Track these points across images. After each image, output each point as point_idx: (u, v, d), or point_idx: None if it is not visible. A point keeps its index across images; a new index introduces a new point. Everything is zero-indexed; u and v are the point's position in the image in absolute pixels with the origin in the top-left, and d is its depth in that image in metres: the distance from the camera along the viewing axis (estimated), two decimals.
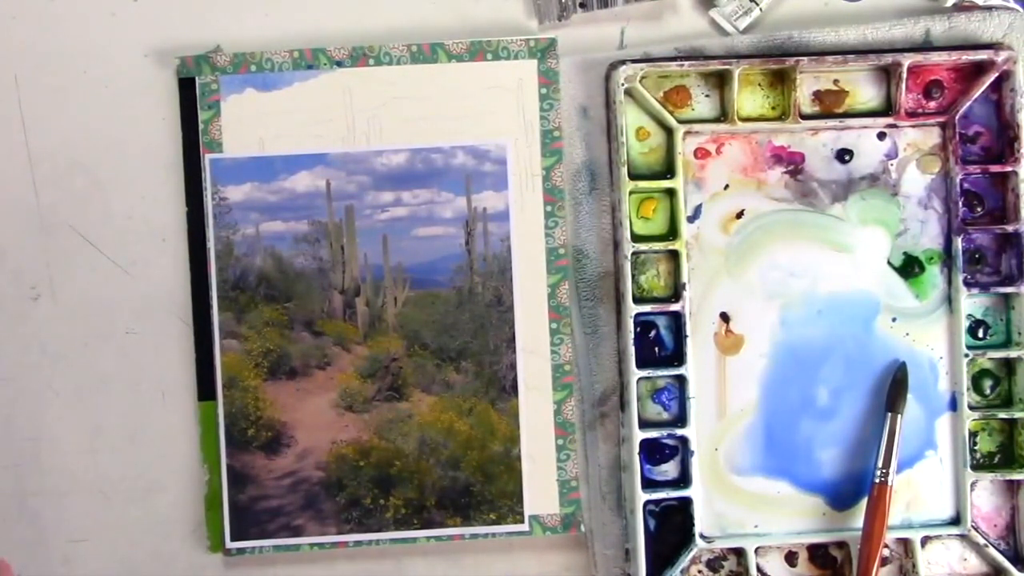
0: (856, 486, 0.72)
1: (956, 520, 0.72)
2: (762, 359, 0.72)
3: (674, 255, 0.72)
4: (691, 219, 0.72)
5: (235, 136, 0.72)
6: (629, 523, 0.71)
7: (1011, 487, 0.72)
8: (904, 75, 0.71)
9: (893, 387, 0.71)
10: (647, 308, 0.71)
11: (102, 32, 0.73)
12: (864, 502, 0.71)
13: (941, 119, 0.72)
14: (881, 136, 0.72)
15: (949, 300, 0.72)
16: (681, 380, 0.71)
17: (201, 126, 0.72)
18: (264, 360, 0.72)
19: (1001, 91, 0.72)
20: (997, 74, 0.71)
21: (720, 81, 0.72)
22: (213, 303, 0.72)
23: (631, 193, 0.71)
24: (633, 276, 0.72)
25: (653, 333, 0.72)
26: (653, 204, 0.72)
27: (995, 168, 0.72)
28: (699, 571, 0.72)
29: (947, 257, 0.72)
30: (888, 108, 0.72)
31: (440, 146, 0.72)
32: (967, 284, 0.72)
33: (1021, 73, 0.71)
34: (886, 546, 0.71)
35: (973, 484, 0.72)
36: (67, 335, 0.72)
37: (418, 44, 0.72)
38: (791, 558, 0.73)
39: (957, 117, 0.72)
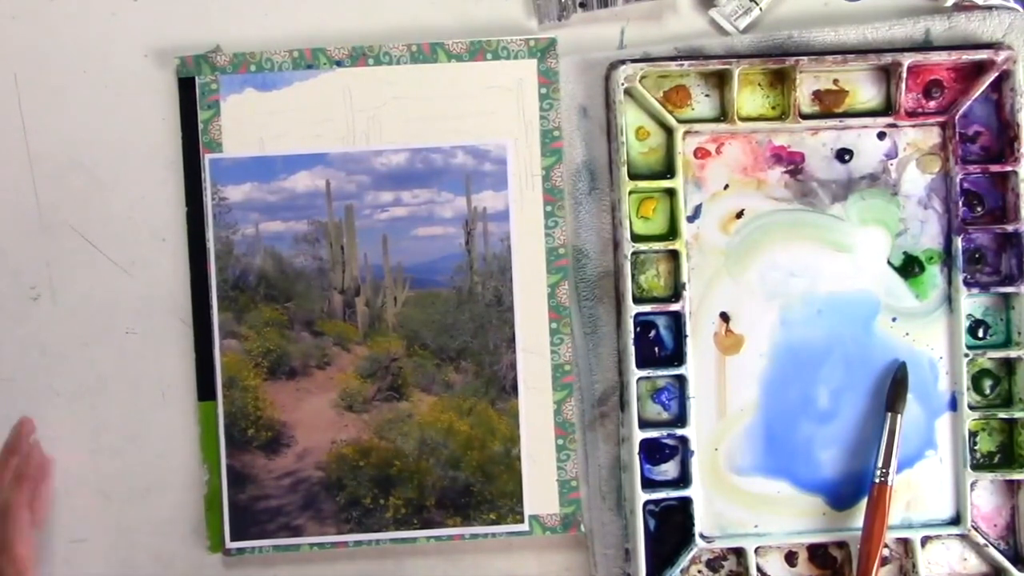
0: (856, 486, 0.72)
1: (956, 520, 0.72)
2: (762, 359, 0.72)
3: (674, 255, 0.72)
4: (691, 219, 0.72)
5: (235, 136, 0.72)
6: (629, 523, 0.71)
7: (1011, 487, 0.72)
8: (904, 75, 0.71)
9: (893, 387, 0.71)
10: (647, 308, 0.71)
11: (102, 32, 0.73)
12: (864, 502, 0.71)
13: (941, 119, 0.72)
14: (881, 136, 0.72)
15: (949, 300, 0.72)
16: (681, 380, 0.71)
17: (201, 126, 0.72)
18: (264, 360, 0.72)
19: (1001, 91, 0.72)
20: (997, 74, 0.71)
21: (720, 81, 0.72)
22: (213, 303, 0.72)
23: (631, 193, 0.71)
24: (633, 276, 0.72)
25: (653, 333, 0.72)
26: (653, 204, 0.72)
27: (995, 168, 0.72)
28: (699, 571, 0.72)
29: (947, 257, 0.72)
30: (888, 108, 0.72)
31: (440, 146, 0.72)
32: (967, 284, 0.72)
33: (1021, 73, 0.71)
34: (886, 546, 0.71)
35: (973, 484, 0.72)
36: (67, 335, 0.72)
37: (418, 44, 0.72)
38: (791, 558, 0.73)
39: (957, 117, 0.72)
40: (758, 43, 0.72)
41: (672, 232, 0.72)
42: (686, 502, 0.71)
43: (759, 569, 0.72)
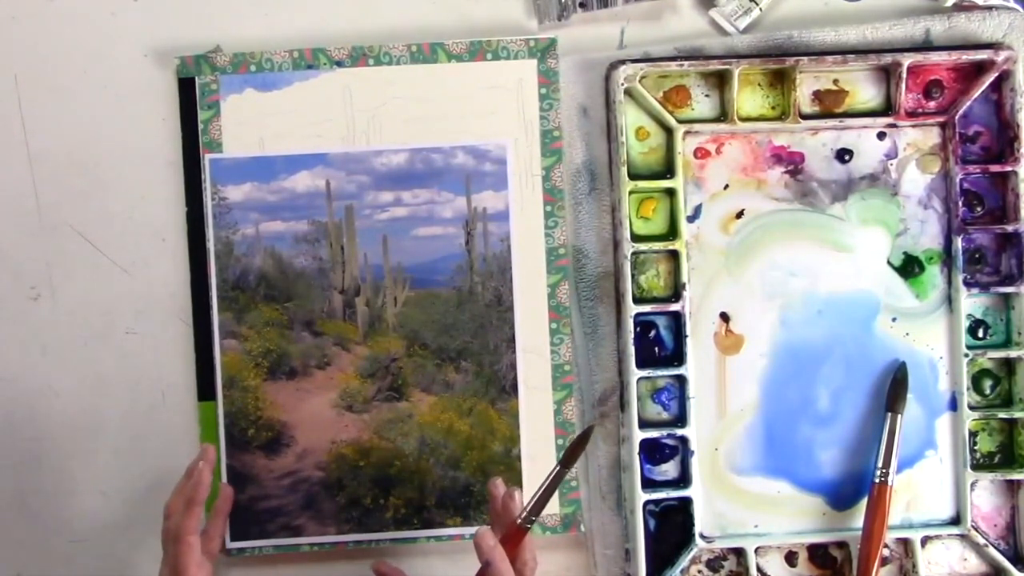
0: (856, 486, 0.72)
1: (956, 520, 0.72)
2: (762, 359, 0.72)
3: (674, 255, 0.72)
4: (691, 219, 0.72)
5: (235, 136, 0.72)
6: (629, 523, 0.71)
7: (1011, 487, 0.72)
8: (904, 75, 0.71)
9: (893, 387, 0.71)
10: (647, 308, 0.71)
11: (102, 32, 0.73)
12: (864, 502, 0.71)
13: (941, 119, 0.72)
14: (881, 136, 0.72)
15: (949, 300, 0.72)
16: (681, 380, 0.71)
17: (201, 126, 0.72)
18: (264, 360, 0.72)
19: (1001, 91, 0.72)
20: (997, 74, 0.71)
21: (720, 81, 0.72)
22: (213, 303, 0.72)
23: (631, 193, 0.71)
24: (633, 276, 0.72)
25: (653, 333, 0.72)
26: (653, 204, 0.72)
27: (995, 168, 0.72)
28: (699, 571, 0.72)
29: (947, 257, 0.72)
30: (888, 108, 0.72)
31: (440, 146, 0.72)
32: (967, 284, 0.72)
33: (1021, 73, 0.71)
34: (886, 546, 0.71)
35: (973, 484, 0.72)
36: (67, 335, 0.72)
37: (418, 44, 0.72)
38: (791, 558, 0.73)
39: (957, 117, 0.72)
40: (758, 43, 0.72)
41: (672, 232, 0.72)
42: (686, 502, 0.71)
43: (759, 569, 0.72)
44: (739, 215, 0.72)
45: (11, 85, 0.73)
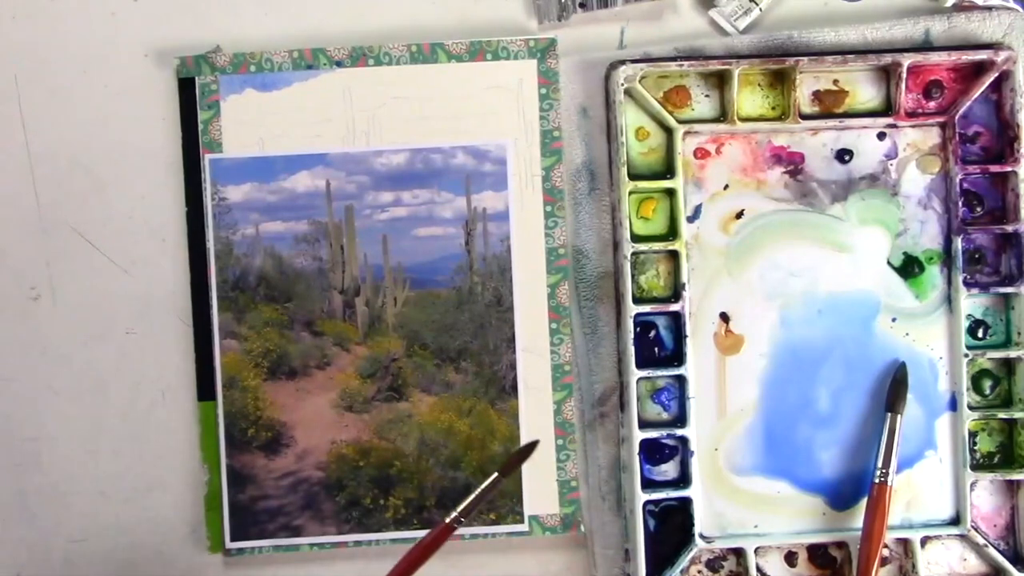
0: (856, 486, 0.72)
1: (956, 520, 0.72)
2: (762, 359, 0.72)
3: (674, 255, 0.72)
4: (691, 219, 0.72)
5: (235, 136, 0.72)
6: (629, 523, 0.71)
7: (1011, 487, 0.72)
8: (904, 75, 0.71)
9: (893, 387, 0.71)
10: (647, 308, 0.71)
11: (102, 32, 0.73)
12: (864, 502, 0.71)
13: (941, 119, 0.72)
14: (881, 136, 0.72)
15: (949, 300, 0.72)
16: (681, 380, 0.71)
17: (201, 126, 0.72)
18: (264, 360, 0.72)
19: (1001, 91, 0.72)
20: (997, 74, 0.71)
21: (720, 81, 0.72)
22: (213, 303, 0.72)
23: (631, 193, 0.71)
24: (633, 276, 0.72)
25: (653, 333, 0.72)
26: (653, 204, 0.72)
27: (995, 168, 0.72)
28: (699, 571, 0.72)
29: (947, 257, 0.72)
30: (888, 108, 0.72)
31: (440, 146, 0.72)
32: (967, 284, 0.72)
33: (1021, 73, 0.71)
34: (886, 546, 0.71)
35: (973, 484, 0.72)
36: (67, 335, 0.73)
37: (418, 44, 0.72)
38: (791, 558, 0.73)
39: (957, 117, 0.72)
40: (758, 43, 0.72)
41: (672, 232, 0.72)
42: (686, 502, 0.71)
43: (759, 569, 0.72)
44: (739, 215, 0.72)
45: (11, 85, 0.73)
